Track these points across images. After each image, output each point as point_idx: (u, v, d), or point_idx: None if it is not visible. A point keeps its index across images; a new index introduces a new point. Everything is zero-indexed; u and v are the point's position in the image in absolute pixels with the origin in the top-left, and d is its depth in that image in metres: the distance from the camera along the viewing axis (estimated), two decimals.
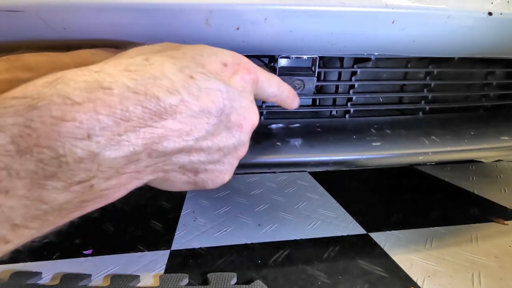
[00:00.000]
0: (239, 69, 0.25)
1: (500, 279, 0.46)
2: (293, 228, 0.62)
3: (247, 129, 0.26)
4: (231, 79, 0.24)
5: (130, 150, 0.18)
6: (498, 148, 0.46)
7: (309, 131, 0.45)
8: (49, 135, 0.16)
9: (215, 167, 0.25)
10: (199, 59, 0.23)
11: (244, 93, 0.25)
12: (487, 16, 0.33)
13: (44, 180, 0.16)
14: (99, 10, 0.28)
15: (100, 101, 0.17)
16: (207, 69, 0.22)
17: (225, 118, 0.23)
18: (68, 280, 0.46)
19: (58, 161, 0.16)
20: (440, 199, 0.76)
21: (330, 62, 0.47)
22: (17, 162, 0.15)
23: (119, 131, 0.18)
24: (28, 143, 0.16)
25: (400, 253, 0.53)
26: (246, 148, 0.27)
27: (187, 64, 0.22)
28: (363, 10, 0.31)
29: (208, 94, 0.22)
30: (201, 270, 0.49)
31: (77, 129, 0.16)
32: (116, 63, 0.20)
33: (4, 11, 0.27)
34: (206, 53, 0.24)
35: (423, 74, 0.51)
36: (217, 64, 0.24)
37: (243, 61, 0.26)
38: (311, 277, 0.47)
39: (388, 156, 0.42)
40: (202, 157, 0.23)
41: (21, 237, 0.17)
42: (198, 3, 0.28)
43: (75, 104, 0.17)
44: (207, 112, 0.22)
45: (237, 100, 0.24)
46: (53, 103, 0.16)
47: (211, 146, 0.23)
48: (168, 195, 0.79)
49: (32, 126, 0.16)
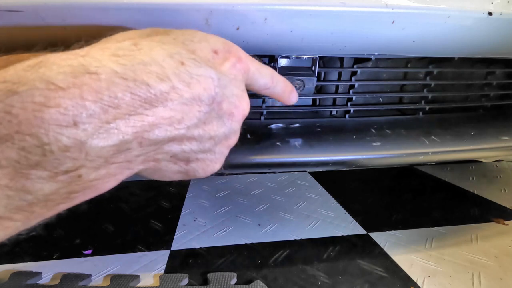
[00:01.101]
0: (230, 57, 0.24)
1: (500, 279, 0.46)
2: (293, 228, 0.62)
3: (238, 117, 0.25)
4: (222, 67, 0.23)
5: (120, 138, 0.18)
6: (498, 148, 0.46)
7: (309, 131, 0.45)
8: (31, 121, 0.15)
9: (206, 156, 0.24)
10: (190, 45, 0.22)
11: (235, 81, 0.24)
12: (487, 16, 0.33)
13: (27, 169, 0.16)
14: (99, 10, 0.28)
15: (86, 86, 0.16)
16: (198, 55, 0.22)
17: (216, 106, 0.23)
18: (68, 280, 0.46)
19: (42, 149, 0.15)
20: (440, 199, 0.76)
21: (330, 62, 0.47)
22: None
23: (108, 118, 0.17)
24: (8, 130, 0.15)
25: (400, 253, 0.53)
26: (237, 137, 0.27)
27: (177, 50, 0.21)
28: (363, 10, 0.31)
29: (199, 81, 0.21)
30: (201, 270, 0.49)
31: (62, 116, 0.16)
32: (102, 47, 0.19)
33: (4, 11, 0.27)
34: (196, 38, 0.23)
35: (423, 74, 0.51)
36: (208, 50, 0.23)
37: (233, 49, 0.25)
38: (311, 277, 0.47)
39: (388, 156, 0.42)
40: (193, 145, 0.23)
41: (6, 229, 0.17)
42: (198, 3, 0.28)
43: (59, 89, 0.16)
44: (199, 100, 0.21)
45: (228, 88, 0.23)
46: (36, 88, 0.15)
47: (202, 135, 0.23)
48: (168, 195, 0.79)
49: (13, 112, 0.15)
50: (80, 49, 0.19)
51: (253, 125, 0.45)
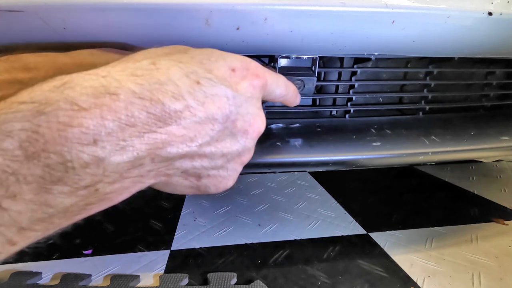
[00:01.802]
0: (247, 75, 0.24)
1: (500, 279, 0.46)
2: (293, 228, 0.62)
3: (253, 135, 0.25)
4: (239, 85, 0.24)
5: (134, 155, 0.19)
6: (498, 148, 0.46)
7: (309, 131, 0.45)
8: (56, 140, 0.16)
9: (218, 172, 0.25)
10: (207, 63, 0.22)
11: (251, 99, 0.24)
12: (487, 16, 0.33)
13: (50, 185, 0.16)
14: (99, 10, 0.28)
15: (106, 107, 0.17)
16: (214, 74, 0.22)
17: (230, 124, 0.23)
18: (68, 280, 0.46)
19: (64, 166, 0.16)
20: (440, 199, 0.76)
21: (330, 62, 0.47)
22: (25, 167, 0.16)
23: (124, 136, 0.18)
24: (35, 148, 0.16)
25: (400, 253, 0.53)
26: (251, 155, 0.27)
27: (194, 69, 0.21)
28: (363, 10, 0.31)
29: (213, 101, 0.21)
30: (201, 270, 0.49)
31: (83, 135, 0.17)
32: (123, 67, 0.20)
33: (4, 11, 0.27)
34: (214, 57, 0.23)
35: (423, 74, 0.51)
36: (225, 69, 0.23)
37: (251, 66, 0.25)
38: (311, 277, 0.47)
39: (388, 156, 0.42)
40: (205, 162, 0.23)
41: (27, 239, 0.18)
42: (198, 3, 0.28)
43: (82, 110, 0.17)
44: (212, 119, 0.21)
45: (243, 106, 0.24)
46: (60, 108, 0.16)
47: (214, 152, 0.23)
48: (168, 195, 0.79)
49: (40, 131, 0.16)
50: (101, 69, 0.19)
51: None
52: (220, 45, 0.32)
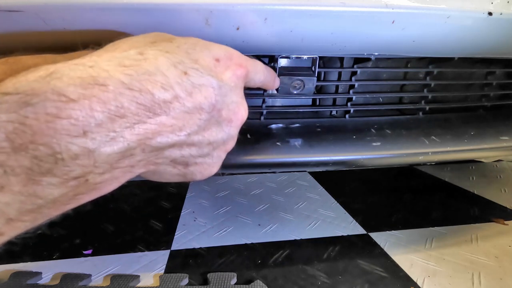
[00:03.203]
0: (231, 65, 0.25)
1: (500, 279, 0.46)
2: (293, 228, 0.62)
3: (237, 123, 0.26)
4: (223, 75, 0.24)
5: (125, 146, 0.19)
6: (498, 148, 0.46)
7: (309, 131, 0.45)
8: (44, 132, 0.16)
9: (204, 160, 0.25)
10: (193, 53, 0.23)
11: (235, 88, 0.25)
12: (487, 16, 0.33)
13: (39, 176, 0.16)
14: (99, 10, 0.28)
15: (95, 98, 0.17)
16: (200, 64, 0.22)
17: (216, 113, 0.24)
18: (68, 280, 0.46)
19: (54, 158, 0.16)
20: (440, 199, 0.76)
21: (330, 62, 0.47)
22: (12, 159, 0.15)
23: (114, 127, 0.18)
24: (23, 140, 0.15)
25: (400, 253, 0.53)
26: (234, 142, 0.28)
27: (181, 59, 0.22)
28: (363, 10, 0.31)
29: (201, 91, 0.22)
30: (201, 270, 0.49)
31: (72, 126, 0.16)
32: (109, 56, 0.20)
33: (4, 11, 0.27)
34: (199, 47, 0.24)
35: (423, 74, 0.51)
36: (209, 59, 0.24)
37: (234, 56, 0.26)
38: (311, 277, 0.47)
39: (388, 156, 0.42)
40: (192, 151, 0.24)
41: (15, 229, 0.18)
42: (198, 3, 0.28)
43: (71, 101, 0.16)
44: (200, 108, 0.22)
45: (228, 95, 0.24)
46: (48, 99, 0.16)
47: (201, 141, 0.23)
48: (168, 195, 0.79)
49: (27, 123, 0.16)
50: (87, 58, 0.19)
51: (253, 125, 0.45)
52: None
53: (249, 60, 0.27)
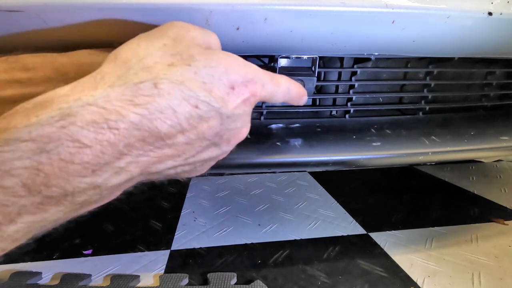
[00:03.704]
0: (245, 92, 0.24)
1: (500, 279, 0.46)
2: (293, 228, 0.62)
3: (234, 142, 0.26)
4: (234, 103, 0.23)
5: (128, 176, 0.20)
6: (498, 148, 0.46)
7: (309, 131, 0.45)
8: (57, 175, 0.17)
9: (195, 169, 0.26)
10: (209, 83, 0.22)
11: (243, 115, 0.24)
12: (487, 16, 0.33)
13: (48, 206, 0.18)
14: (99, 10, 0.28)
15: (107, 142, 0.18)
16: (213, 96, 0.22)
17: (217, 139, 0.24)
18: (68, 280, 0.46)
19: (64, 195, 0.18)
20: (440, 199, 0.76)
21: (330, 62, 0.47)
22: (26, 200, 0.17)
23: (120, 164, 0.19)
24: (36, 183, 0.17)
25: (400, 253, 0.53)
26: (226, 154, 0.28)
27: (194, 92, 0.21)
28: (363, 10, 0.31)
29: (207, 122, 0.22)
30: (201, 270, 0.49)
31: (84, 170, 0.18)
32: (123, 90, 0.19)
33: (4, 11, 0.27)
34: (218, 73, 0.22)
35: (423, 74, 0.51)
36: (225, 88, 0.22)
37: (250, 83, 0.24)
38: (311, 277, 0.47)
39: (388, 156, 0.42)
40: (186, 168, 0.25)
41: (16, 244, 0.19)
42: (198, 3, 0.28)
43: (84, 146, 0.18)
44: (203, 138, 0.22)
45: (233, 123, 0.24)
46: (62, 145, 0.17)
47: (197, 161, 0.24)
48: (168, 195, 0.79)
49: (40, 168, 0.17)
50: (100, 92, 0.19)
51: (253, 125, 0.45)
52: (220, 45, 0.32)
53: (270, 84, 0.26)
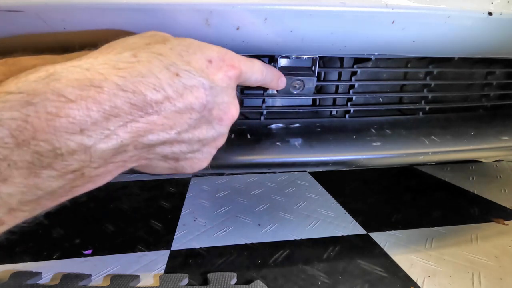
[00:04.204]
0: (223, 66, 0.25)
1: (500, 279, 0.46)
2: (293, 228, 0.62)
3: (227, 122, 0.27)
4: (215, 76, 0.25)
5: (118, 142, 0.20)
6: (498, 148, 0.46)
7: (309, 131, 0.45)
8: (45, 129, 0.17)
9: (194, 155, 0.27)
10: (185, 55, 0.23)
11: (227, 89, 0.26)
12: (487, 16, 0.33)
13: (40, 169, 0.18)
14: (99, 10, 0.28)
15: (91, 98, 0.18)
16: (192, 66, 0.23)
17: (207, 113, 0.25)
18: (68, 280, 0.46)
19: (53, 153, 0.18)
20: (440, 199, 0.76)
21: (330, 62, 0.47)
22: (15, 154, 0.17)
23: (109, 126, 0.19)
24: (25, 136, 0.17)
25: (400, 253, 0.53)
26: (225, 139, 0.29)
27: (173, 61, 0.22)
28: (363, 10, 0.31)
29: (192, 91, 0.23)
30: (201, 270, 0.49)
31: (70, 125, 0.18)
32: (105, 59, 0.21)
33: (4, 11, 0.27)
34: (192, 49, 0.24)
35: (423, 74, 0.51)
36: (202, 60, 0.24)
37: (227, 57, 0.26)
38: (311, 277, 0.47)
39: (388, 156, 0.42)
40: (183, 147, 0.25)
41: (16, 219, 0.19)
42: (198, 3, 0.28)
43: (69, 101, 0.18)
44: (190, 108, 0.23)
45: (219, 96, 0.25)
46: (48, 99, 0.17)
47: (191, 138, 0.25)
48: (168, 195, 0.79)
49: (29, 120, 0.17)
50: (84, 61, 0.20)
51: (253, 125, 0.45)
52: (220, 45, 0.32)
53: (244, 60, 0.28)
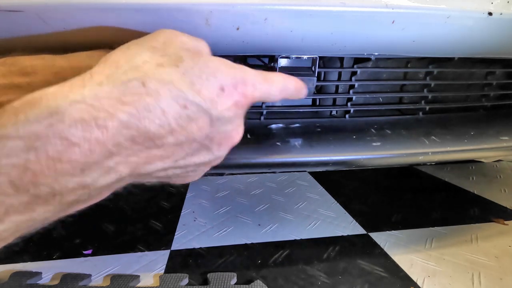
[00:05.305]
0: (234, 94, 0.23)
1: (500, 279, 0.46)
2: (293, 228, 0.62)
3: (226, 147, 0.26)
4: (224, 105, 0.23)
5: (117, 177, 0.20)
6: (498, 148, 0.46)
7: (309, 131, 0.45)
8: (45, 173, 0.17)
9: (187, 174, 0.26)
10: (198, 83, 0.22)
11: (234, 118, 0.24)
12: (487, 16, 0.33)
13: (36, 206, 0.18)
14: (99, 10, 0.28)
15: (95, 140, 0.18)
16: (202, 96, 0.21)
17: (208, 141, 0.24)
18: (68, 280, 0.46)
19: (52, 194, 0.18)
20: (440, 199, 0.76)
21: (330, 62, 0.47)
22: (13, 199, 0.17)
23: (109, 163, 0.19)
24: (24, 181, 0.17)
25: (400, 253, 0.53)
26: (221, 160, 0.28)
27: (183, 92, 0.21)
28: (363, 10, 0.31)
29: (197, 123, 0.22)
30: (201, 270, 0.49)
31: (72, 168, 0.17)
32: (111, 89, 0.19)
33: (4, 11, 0.27)
34: (205, 75, 0.22)
35: (423, 74, 0.51)
36: (214, 88, 0.22)
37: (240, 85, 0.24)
38: (311, 277, 0.47)
39: (388, 156, 0.42)
40: (177, 171, 0.24)
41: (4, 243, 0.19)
42: (198, 3, 0.28)
43: (72, 144, 0.17)
44: (192, 140, 0.22)
45: (223, 125, 0.24)
46: (50, 143, 0.17)
47: (188, 164, 0.24)
48: (168, 195, 0.79)
49: (29, 166, 0.16)
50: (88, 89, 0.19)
51: (253, 125, 0.45)
52: (220, 45, 0.32)
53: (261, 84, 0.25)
